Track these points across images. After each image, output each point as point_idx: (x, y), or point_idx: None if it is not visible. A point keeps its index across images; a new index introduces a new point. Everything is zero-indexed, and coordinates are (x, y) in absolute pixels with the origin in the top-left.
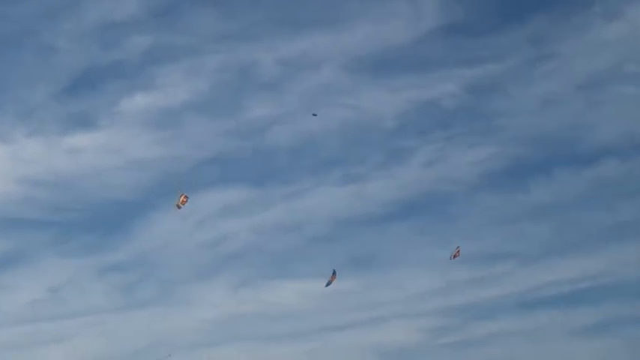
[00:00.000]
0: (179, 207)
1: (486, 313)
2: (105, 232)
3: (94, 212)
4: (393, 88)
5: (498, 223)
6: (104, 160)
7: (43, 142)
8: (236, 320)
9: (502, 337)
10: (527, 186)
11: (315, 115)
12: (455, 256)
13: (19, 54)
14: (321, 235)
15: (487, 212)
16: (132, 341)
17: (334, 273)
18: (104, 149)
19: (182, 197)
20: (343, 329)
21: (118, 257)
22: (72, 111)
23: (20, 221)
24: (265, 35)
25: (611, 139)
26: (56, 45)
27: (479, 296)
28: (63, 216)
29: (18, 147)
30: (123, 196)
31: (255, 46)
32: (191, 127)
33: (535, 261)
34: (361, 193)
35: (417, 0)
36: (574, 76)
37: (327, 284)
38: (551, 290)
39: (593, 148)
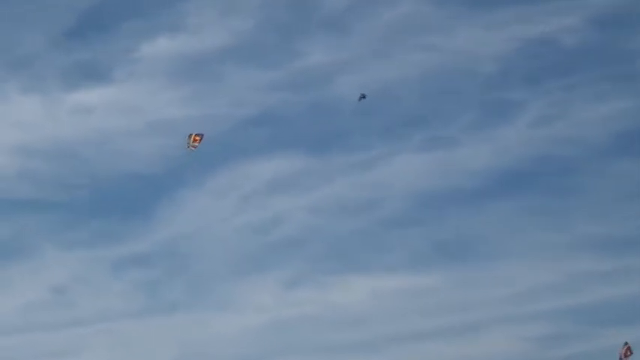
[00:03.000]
0: (194, 148)
1: (618, 316)
2: (121, 215)
3: (106, 190)
4: (492, 23)
5: (637, 198)
6: (119, 123)
7: (40, 100)
8: (289, 327)
9: None
10: None
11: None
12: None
13: None
14: (397, 215)
15: (621, 184)
16: (155, 354)
17: None
18: (119, 108)
19: (193, 136)
20: (427, 337)
21: (138, 248)
22: (77, 60)
23: (13, 202)
24: None
25: None
26: None
27: (609, 295)
28: (67, 195)
29: (10, 107)
30: (143, 168)
31: None
32: (230, 79)
33: None
34: (449, 162)
35: None
36: None
37: None
38: None
39: None
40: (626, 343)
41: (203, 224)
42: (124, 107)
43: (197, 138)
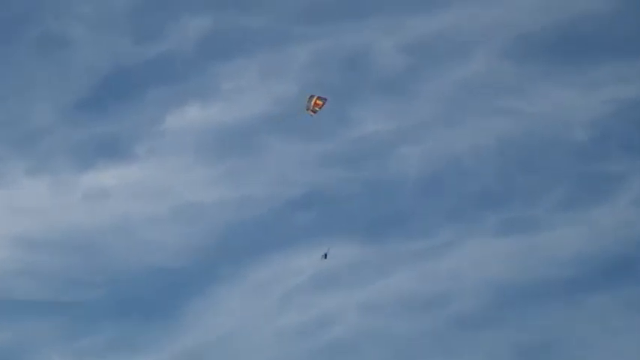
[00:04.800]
0: (313, 112)
1: None
2: (142, 317)
3: (125, 288)
4: (584, 82)
5: None
6: (141, 208)
7: (49, 182)
8: None
9: None
10: None
11: (325, 256)
12: None
13: (14, 50)
14: (471, 314)
15: None
16: None
17: None
18: (141, 191)
19: (315, 99)
20: None
21: (163, 357)
22: (93, 135)
23: (15, 304)
24: (383, 8)
25: None
26: (69, 35)
27: None
28: (80, 294)
29: (14, 191)
30: (169, 261)
31: (366, 26)
32: (272, 153)
33: None
34: (533, 248)
35: None
36: None
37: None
38: None
39: None
40: None
41: (239, 327)
42: (146, 189)
43: (319, 102)
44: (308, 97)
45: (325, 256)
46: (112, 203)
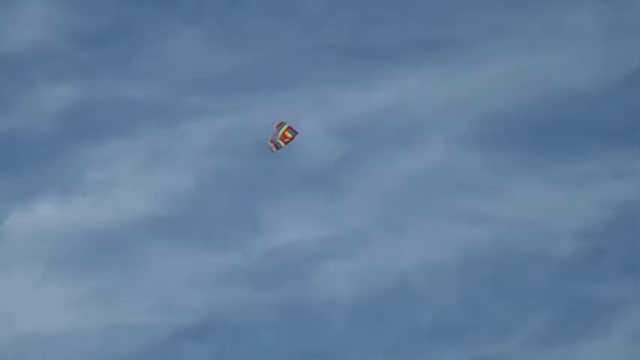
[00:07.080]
0: (276, 147)
1: None
2: None
3: None
4: (571, 179)
5: None
6: None
7: None
8: None
9: None
10: None
11: None
12: None
13: None
14: None
15: None
16: None
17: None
18: None
19: (284, 129)
20: None
21: None
22: None
23: None
24: (310, 77)
25: None
26: None
27: None
28: None
29: None
30: None
31: (287, 99)
32: (155, 266)
33: None
34: None
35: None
36: None
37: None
38: None
39: None
40: None
41: None
42: None
43: (289, 135)
44: (276, 122)
45: None
46: None
